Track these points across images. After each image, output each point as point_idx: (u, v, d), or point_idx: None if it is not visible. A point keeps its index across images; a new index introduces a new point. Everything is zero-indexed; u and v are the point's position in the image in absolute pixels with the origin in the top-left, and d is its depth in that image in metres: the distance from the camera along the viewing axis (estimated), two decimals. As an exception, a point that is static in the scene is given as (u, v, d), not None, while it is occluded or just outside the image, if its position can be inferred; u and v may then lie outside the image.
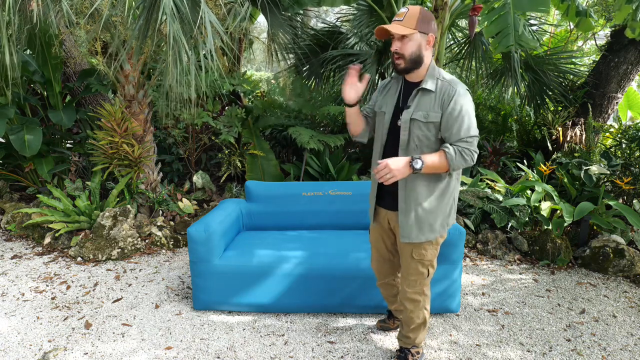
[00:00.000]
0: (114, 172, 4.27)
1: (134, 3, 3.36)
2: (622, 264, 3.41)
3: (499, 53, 3.56)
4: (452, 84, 1.86)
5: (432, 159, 1.82)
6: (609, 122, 5.15)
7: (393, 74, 2.08)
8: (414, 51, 1.85)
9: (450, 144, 1.84)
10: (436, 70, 1.91)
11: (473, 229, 3.96)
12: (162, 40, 4.19)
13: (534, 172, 4.46)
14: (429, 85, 1.87)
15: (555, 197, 3.78)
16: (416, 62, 1.87)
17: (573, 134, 4.75)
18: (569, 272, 3.49)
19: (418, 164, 1.80)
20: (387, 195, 2.05)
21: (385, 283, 2.35)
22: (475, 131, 1.84)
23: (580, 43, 7.21)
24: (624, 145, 4.34)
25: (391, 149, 1.99)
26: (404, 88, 1.99)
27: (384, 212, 2.12)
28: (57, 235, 3.84)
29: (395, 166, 1.78)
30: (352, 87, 1.98)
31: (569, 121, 4.83)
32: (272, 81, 6.41)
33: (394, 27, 1.82)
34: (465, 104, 1.83)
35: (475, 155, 1.84)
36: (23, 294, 3.04)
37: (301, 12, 5.07)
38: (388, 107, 2.01)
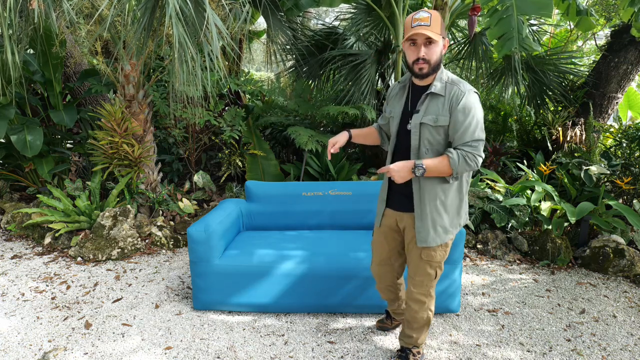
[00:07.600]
0: (114, 172, 4.27)
1: (134, 4, 3.36)
2: (622, 264, 3.41)
3: (502, 56, 3.56)
4: (460, 87, 1.84)
5: (434, 164, 1.82)
6: (609, 122, 5.15)
7: (401, 78, 2.06)
8: (438, 57, 1.84)
9: (455, 148, 1.83)
10: (444, 73, 1.89)
11: (473, 229, 3.96)
12: (163, 41, 4.20)
13: (534, 172, 4.45)
14: (438, 89, 1.86)
15: (555, 197, 3.78)
16: (437, 67, 1.86)
17: (573, 134, 4.74)
18: (569, 272, 3.49)
19: (419, 171, 1.82)
20: (399, 197, 2.04)
21: (384, 287, 2.33)
22: (481, 135, 1.82)
23: (580, 43, 7.22)
24: (624, 145, 4.34)
25: (401, 152, 2.00)
26: (412, 92, 1.97)
27: (392, 214, 2.10)
28: (57, 235, 3.84)
29: (397, 171, 1.84)
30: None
31: (569, 121, 4.83)
32: (273, 81, 6.41)
33: (428, 32, 1.76)
34: (473, 107, 1.81)
35: (480, 160, 1.82)
36: (23, 294, 3.04)
37: (300, 14, 5.08)
38: (396, 111, 2.01)
